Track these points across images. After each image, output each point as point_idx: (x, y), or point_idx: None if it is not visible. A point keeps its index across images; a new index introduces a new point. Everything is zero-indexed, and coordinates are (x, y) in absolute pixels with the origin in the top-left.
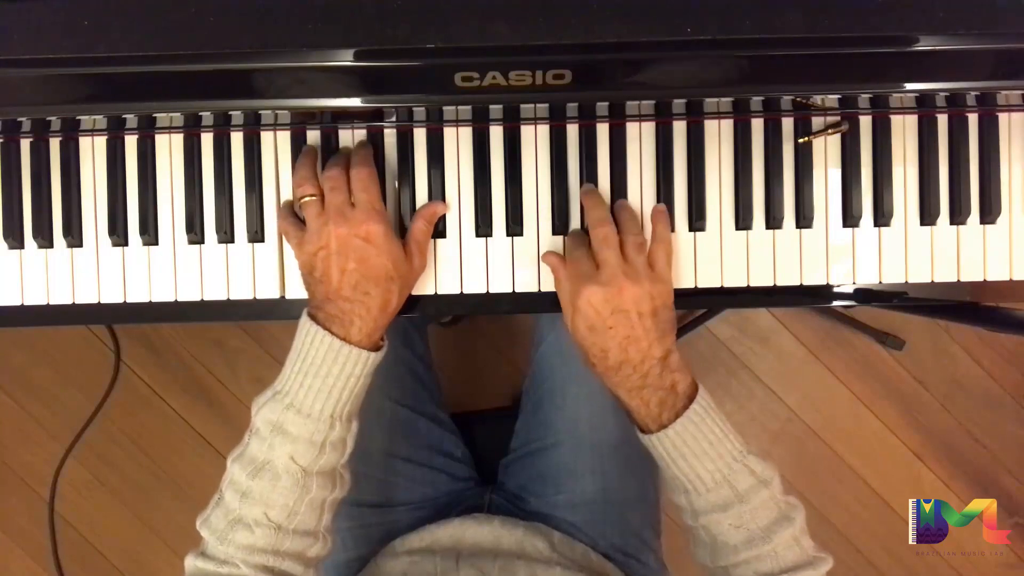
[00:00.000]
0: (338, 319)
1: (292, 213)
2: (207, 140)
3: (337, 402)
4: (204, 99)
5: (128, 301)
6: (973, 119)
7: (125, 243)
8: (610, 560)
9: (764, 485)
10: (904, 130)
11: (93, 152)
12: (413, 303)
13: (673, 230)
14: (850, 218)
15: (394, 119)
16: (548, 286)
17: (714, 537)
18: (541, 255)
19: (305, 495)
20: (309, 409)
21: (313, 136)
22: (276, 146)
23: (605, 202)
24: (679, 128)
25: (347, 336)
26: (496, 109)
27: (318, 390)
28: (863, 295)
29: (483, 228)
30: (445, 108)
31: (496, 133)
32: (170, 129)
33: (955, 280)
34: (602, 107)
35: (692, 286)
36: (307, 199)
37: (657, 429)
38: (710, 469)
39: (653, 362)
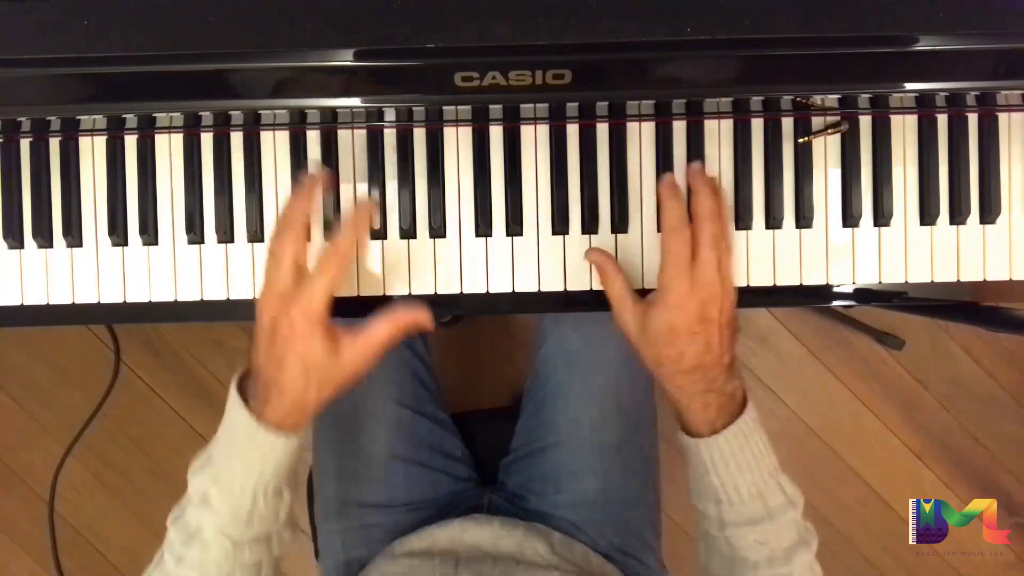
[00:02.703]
0: (258, 393)
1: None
2: (207, 140)
3: (258, 481)
4: (204, 99)
5: (128, 301)
6: (973, 119)
7: (125, 243)
8: (610, 560)
9: (792, 506)
10: (904, 130)
11: (93, 152)
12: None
13: None
14: (850, 218)
15: (394, 119)
16: (548, 286)
17: (735, 551)
18: (586, 252)
19: (239, 561)
20: (230, 486)
21: (313, 136)
22: (275, 146)
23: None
24: (679, 128)
25: (262, 415)
26: (496, 109)
27: (237, 468)
28: (863, 295)
29: (483, 228)
30: (445, 108)
31: (496, 133)
32: (170, 129)
33: (955, 280)
34: (602, 107)
35: None
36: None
37: (709, 434)
38: (748, 481)
39: (721, 369)
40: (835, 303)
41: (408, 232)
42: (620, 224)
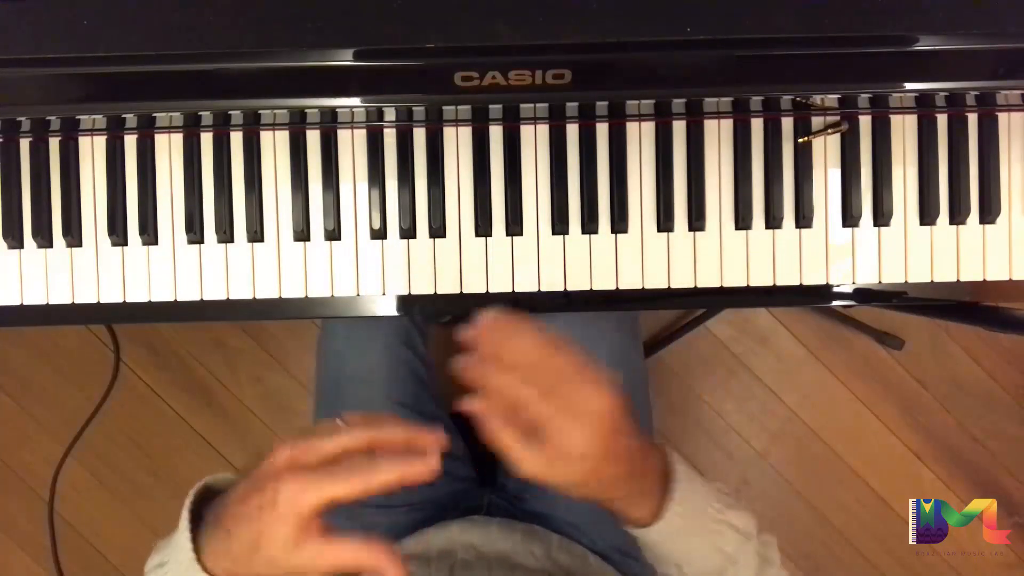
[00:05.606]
0: (218, 524)
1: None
2: (207, 140)
3: None
4: (204, 99)
5: (128, 301)
6: (973, 119)
7: (124, 243)
8: (609, 560)
9: (747, 539)
10: (904, 130)
11: (93, 152)
12: (411, 303)
13: (673, 230)
14: (850, 218)
15: (394, 119)
16: (548, 286)
17: None
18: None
19: None
20: None
21: (313, 136)
22: (275, 146)
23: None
24: (679, 128)
25: (206, 548)
26: (496, 109)
27: None
28: (863, 295)
29: (483, 228)
30: (445, 108)
31: (496, 133)
32: (170, 129)
33: (955, 280)
34: (602, 107)
35: (692, 286)
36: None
37: (653, 519)
38: (702, 543)
39: (631, 455)
40: (835, 303)
41: (408, 232)
42: (620, 224)
